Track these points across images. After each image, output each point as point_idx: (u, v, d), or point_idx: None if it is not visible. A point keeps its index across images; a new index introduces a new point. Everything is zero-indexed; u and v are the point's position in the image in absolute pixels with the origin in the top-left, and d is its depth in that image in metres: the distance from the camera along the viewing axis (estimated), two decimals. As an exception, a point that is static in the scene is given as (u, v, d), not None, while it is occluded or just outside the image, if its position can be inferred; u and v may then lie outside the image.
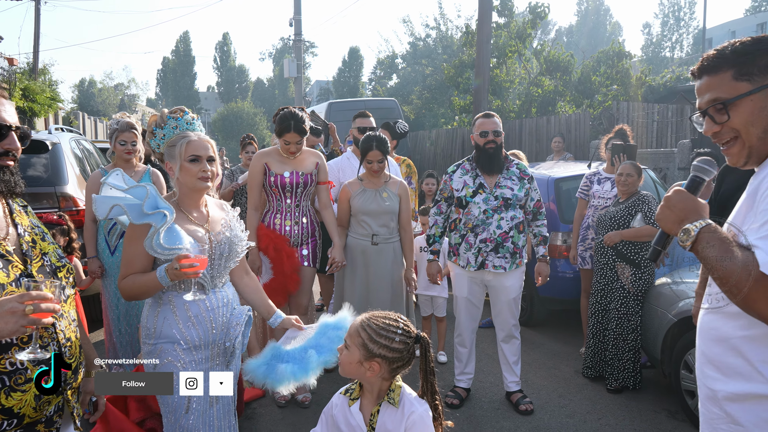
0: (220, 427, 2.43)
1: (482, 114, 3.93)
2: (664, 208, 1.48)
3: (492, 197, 3.72)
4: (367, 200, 3.77)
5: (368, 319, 1.71)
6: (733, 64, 1.41)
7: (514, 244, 3.74)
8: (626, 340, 4.15)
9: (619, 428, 3.60)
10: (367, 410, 1.74)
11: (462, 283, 3.87)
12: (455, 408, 3.81)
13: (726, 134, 1.44)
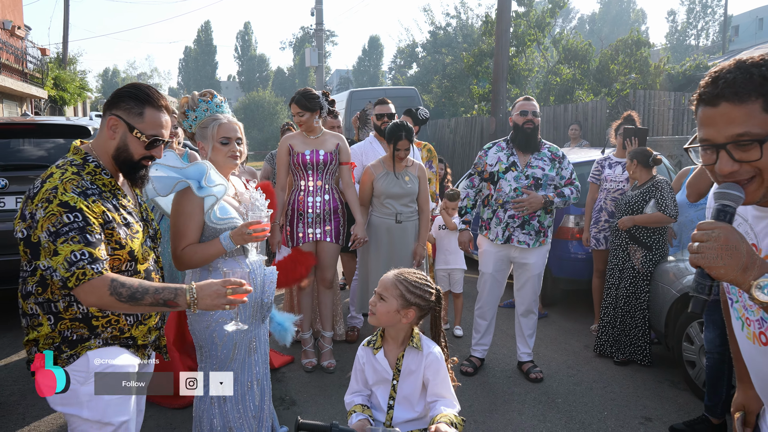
0: (258, 373, 2.75)
1: (523, 97, 4.18)
2: (722, 253, 1.18)
3: (523, 176, 3.94)
4: (390, 183, 4.06)
5: (401, 275, 1.99)
6: (762, 93, 1.20)
7: (540, 223, 3.95)
8: (634, 317, 4.38)
9: (623, 396, 3.85)
10: (391, 356, 2.02)
11: (489, 260, 4.09)
12: (469, 376, 4.07)
13: (745, 173, 1.23)
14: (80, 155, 1.89)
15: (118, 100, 1.90)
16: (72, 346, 1.80)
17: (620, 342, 4.45)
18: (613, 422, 3.48)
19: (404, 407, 1.99)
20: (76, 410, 1.81)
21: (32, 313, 1.81)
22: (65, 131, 5.41)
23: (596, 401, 3.76)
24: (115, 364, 1.86)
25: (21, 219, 1.77)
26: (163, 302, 1.79)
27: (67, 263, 1.69)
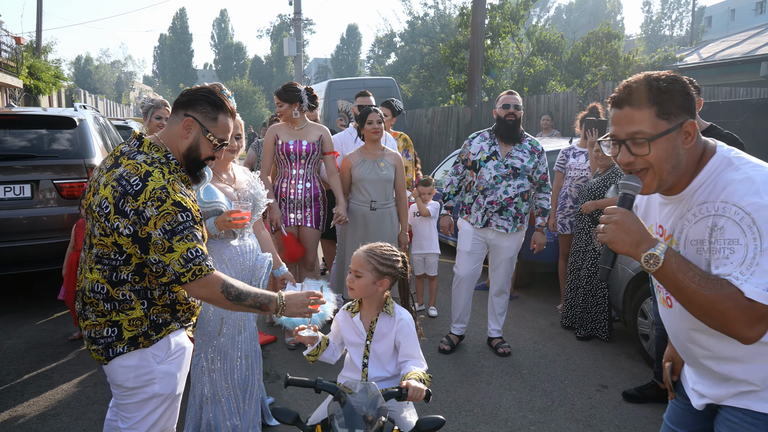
0: (247, 350, 3.00)
1: (506, 91, 4.41)
2: (617, 231, 1.47)
3: (503, 165, 4.17)
4: (366, 169, 4.30)
5: (371, 250, 2.26)
6: (656, 102, 1.48)
7: (517, 210, 4.21)
8: (596, 295, 4.72)
9: (583, 367, 4.18)
10: (366, 320, 2.29)
11: (467, 239, 4.32)
12: (447, 353, 4.32)
13: (639, 165, 1.51)
14: (161, 152, 2.00)
15: (194, 103, 2.03)
16: (158, 330, 2.01)
17: (583, 319, 4.79)
18: (573, 390, 3.81)
19: (377, 366, 2.27)
20: (149, 387, 2.01)
21: (123, 299, 1.95)
22: (50, 122, 5.54)
23: (558, 372, 4.09)
24: (185, 345, 2.12)
25: (119, 214, 1.85)
26: (259, 306, 2.04)
27: (183, 260, 1.87)
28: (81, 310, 2.02)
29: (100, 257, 1.94)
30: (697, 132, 1.53)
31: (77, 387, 3.77)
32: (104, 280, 1.94)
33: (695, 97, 1.56)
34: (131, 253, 1.91)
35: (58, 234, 5.21)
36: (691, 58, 17.14)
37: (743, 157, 1.52)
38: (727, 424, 1.62)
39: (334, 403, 2.01)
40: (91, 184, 2.02)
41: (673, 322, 1.71)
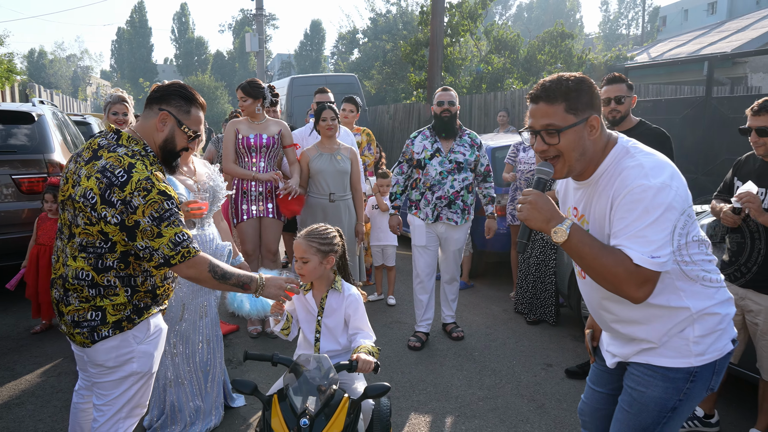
0: (208, 335, 3.15)
1: (441, 88, 4.50)
2: (531, 210, 1.71)
3: (447, 161, 4.30)
4: (323, 162, 4.48)
5: (309, 234, 2.45)
6: (565, 99, 1.69)
7: (463, 202, 4.36)
8: (544, 282, 5.01)
9: (531, 348, 4.46)
10: (317, 296, 2.49)
11: (421, 234, 4.43)
12: (417, 350, 4.36)
13: (551, 152, 1.74)
14: (140, 145, 2.12)
15: (168, 98, 2.16)
16: (140, 315, 2.14)
17: (532, 304, 5.08)
18: (520, 369, 4.07)
19: (329, 340, 2.46)
20: (128, 365, 2.14)
21: (108, 284, 2.07)
22: (8, 117, 5.51)
23: (508, 354, 4.35)
24: (161, 327, 2.26)
25: (106, 204, 1.96)
26: (241, 285, 2.19)
27: (172, 244, 2.01)
28: (62, 296, 2.11)
29: (85, 246, 2.04)
30: (601, 125, 1.76)
31: (41, 377, 3.84)
32: (89, 267, 2.05)
33: (599, 95, 1.78)
34: (116, 240, 2.03)
35: (18, 229, 5.21)
36: (641, 57, 17.83)
37: (638, 147, 1.76)
38: (632, 377, 1.88)
39: (289, 375, 2.19)
40: (68, 176, 2.11)
41: (588, 291, 1.95)
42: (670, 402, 1.81)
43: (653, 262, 1.59)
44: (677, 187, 1.66)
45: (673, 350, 1.79)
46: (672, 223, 1.62)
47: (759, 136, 2.79)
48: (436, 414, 3.41)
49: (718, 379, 1.84)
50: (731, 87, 12.94)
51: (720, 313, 1.80)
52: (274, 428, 2.05)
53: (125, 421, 2.23)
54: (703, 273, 1.78)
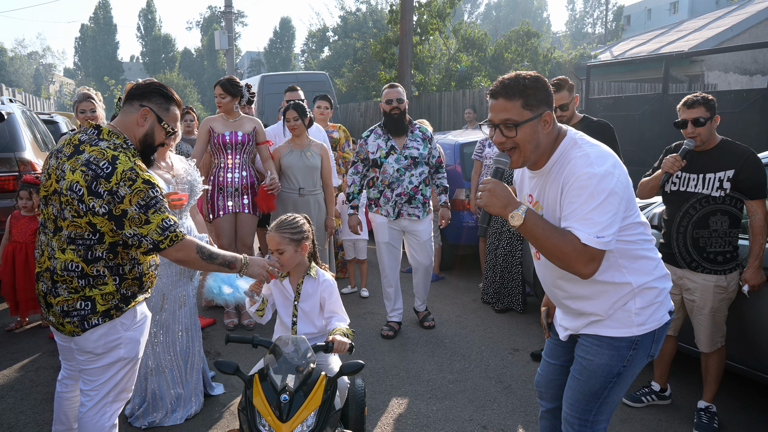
0: (187, 324, 3.26)
1: (388, 85, 4.53)
2: (489, 197, 1.85)
3: (402, 157, 4.40)
4: (293, 158, 4.62)
5: (279, 226, 2.58)
6: (521, 96, 1.85)
7: (423, 196, 4.48)
8: (511, 272, 5.22)
9: (499, 334, 4.66)
10: (293, 282, 2.63)
11: (383, 231, 4.53)
12: (390, 338, 4.53)
13: (509, 144, 1.89)
14: (121, 139, 2.21)
15: (149, 95, 2.29)
16: (127, 303, 2.24)
17: (500, 293, 5.29)
18: (488, 353, 4.27)
19: (305, 323, 2.60)
20: (115, 351, 2.24)
21: (98, 274, 2.16)
22: (-23, 115, 5.48)
23: (476, 340, 4.54)
24: (147, 314, 2.37)
25: (93, 195, 2.05)
26: (227, 264, 2.31)
27: (160, 229, 2.11)
28: (50, 288, 2.19)
29: (74, 238, 2.13)
30: (553, 120, 1.94)
31: (19, 372, 3.89)
32: (79, 258, 2.14)
33: (552, 93, 1.96)
34: (104, 231, 2.12)
35: (-11, 228, 5.20)
36: (604, 56, 18.34)
37: (585, 138, 1.95)
38: (582, 347, 2.07)
39: (269, 356, 2.33)
40: (50, 172, 2.19)
41: (543, 271, 2.14)
42: (616, 368, 2.00)
43: (598, 242, 1.78)
44: (619, 174, 1.84)
45: (617, 322, 1.98)
46: (615, 207, 1.81)
47: (695, 127, 3.03)
48: (408, 396, 3.58)
49: (657, 347, 2.04)
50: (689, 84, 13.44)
51: (658, 287, 2.00)
52: (255, 405, 2.19)
53: (112, 405, 2.33)
54: (642, 251, 1.98)
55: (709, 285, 3.04)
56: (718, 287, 3.02)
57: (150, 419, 3.15)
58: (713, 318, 3.06)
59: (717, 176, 3.02)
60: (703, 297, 3.06)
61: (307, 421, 2.17)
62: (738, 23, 17.33)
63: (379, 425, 3.23)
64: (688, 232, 3.09)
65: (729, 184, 2.98)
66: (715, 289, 3.03)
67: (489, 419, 3.31)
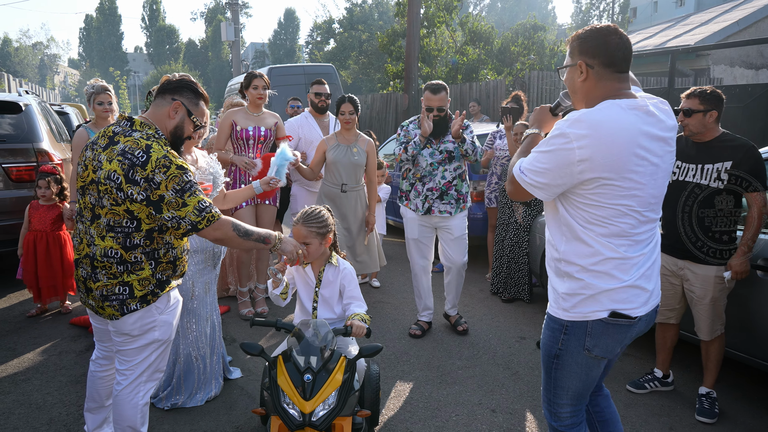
0: (211, 310, 3.38)
1: (430, 88, 4.16)
2: (535, 112, 2.21)
3: (437, 151, 4.23)
4: (340, 153, 4.55)
5: (306, 219, 2.70)
6: (571, 43, 1.99)
7: (457, 192, 4.28)
8: (518, 262, 5.33)
9: (506, 324, 4.78)
10: (315, 269, 2.76)
11: (413, 227, 4.38)
12: (417, 338, 4.42)
13: None
14: (153, 129, 2.33)
15: (180, 90, 2.41)
16: (162, 288, 2.36)
17: (507, 284, 5.40)
18: (496, 341, 4.38)
19: (325, 309, 2.73)
20: (150, 333, 2.36)
21: (135, 261, 2.29)
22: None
23: (484, 328, 4.66)
24: (179, 298, 2.50)
25: (131, 183, 2.16)
26: (263, 240, 2.45)
27: (197, 210, 2.23)
28: (89, 274, 2.31)
29: (113, 226, 2.25)
30: (597, 75, 1.91)
31: (42, 356, 4.02)
32: (118, 245, 2.26)
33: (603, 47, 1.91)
34: (141, 218, 2.24)
35: (8, 217, 5.33)
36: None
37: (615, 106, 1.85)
38: None
39: (292, 338, 2.45)
40: (87, 163, 2.31)
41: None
42: (553, 349, 2.05)
43: (519, 174, 1.95)
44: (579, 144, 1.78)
45: (553, 300, 2.05)
46: (549, 164, 1.85)
47: (685, 117, 3.13)
48: (419, 381, 3.70)
49: (594, 342, 1.95)
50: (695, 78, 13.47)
51: (584, 280, 1.91)
52: (280, 384, 2.31)
53: (146, 385, 2.46)
54: (583, 233, 1.90)
55: (709, 276, 3.13)
56: (718, 278, 3.12)
57: (173, 401, 3.28)
58: (713, 307, 3.16)
59: (715, 167, 3.09)
60: (704, 287, 3.16)
61: (329, 400, 2.29)
62: (744, 17, 17.30)
63: (392, 408, 3.36)
64: (694, 212, 3.16)
65: (727, 176, 3.05)
66: (715, 279, 3.12)
67: (498, 403, 3.43)
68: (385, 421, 3.22)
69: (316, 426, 2.25)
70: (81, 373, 3.73)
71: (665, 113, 1.93)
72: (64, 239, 4.79)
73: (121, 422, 2.45)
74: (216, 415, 3.23)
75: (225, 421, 3.18)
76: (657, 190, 1.92)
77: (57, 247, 4.68)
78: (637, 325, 1.98)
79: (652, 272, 1.97)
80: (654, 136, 1.85)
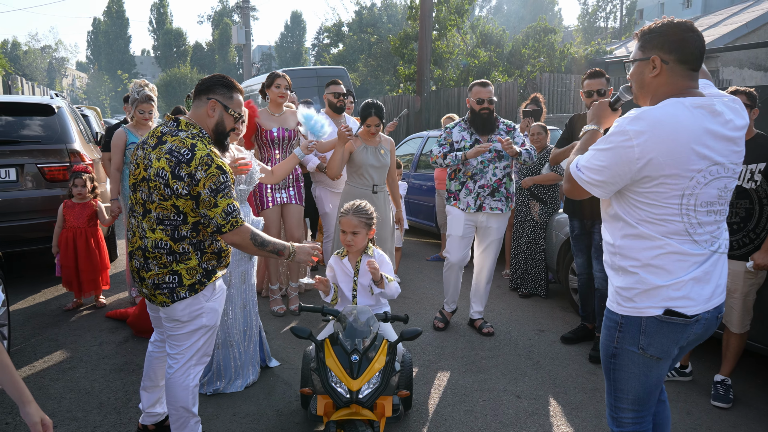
0: (247, 299, 3.57)
1: (479, 82, 4.36)
2: (594, 108, 2.16)
3: (486, 151, 4.28)
4: (369, 156, 4.52)
5: (357, 211, 2.90)
6: (641, 38, 1.94)
7: (506, 190, 4.37)
8: (535, 258, 5.50)
9: (524, 317, 4.94)
10: (352, 261, 2.96)
11: (459, 224, 4.40)
12: (441, 330, 4.56)
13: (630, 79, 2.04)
14: (197, 129, 2.47)
15: (213, 88, 2.52)
16: (209, 278, 2.53)
17: (524, 279, 5.57)
18: (516, 333, 4.55)
19: (364, 296, 2.92)
20: (198, 319, 2.53)
21: (183, 251, 2.44)
22: (30, 109, 5.81)
23: (504, 322, 4.83)
24: (223, 287, 2.66)
25: (176, 179, 2.31)
26: (277, 251, 2.56)
27: (224, 213, 2.35)
28: (142, 264, 2.49)
29: (162, 219, 2.42)
30: (673, 73, 1.86)
31: (84, 346, 4.22)
32: (167, 237, 2.43)
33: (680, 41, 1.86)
34: (186, 212, 2.40)
35: (42, 215, 5.53)
36: (619, 51, 18.48)
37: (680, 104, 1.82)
38: None
39: (337, 323, 2.63)
40: (138, 162, 2.50)
41: None
42: (610, 348, 2.01)
43: (575, 171, 1.93)
44: (638, 141, 1.76)
45: (611, 295, 2.02)
46: (610, 161, 1.82)
47: None
48: (446, 369, 3.88)
49: (648, 341, 1.91)
50: (704, 80, 13.52)
51: (639, 274, 1.89)
52: (328, 365, 2.49)
53: (195, 368, 2.64)
54: (642, 229, 1.87)
55: (739, 271, 3.26)
56: (749, 272, 3.25)
57: (214, 387, 3.47)
58: (744, 301, 3.30)
59: (749, 168, 3.19)
60: (734, 282, 3.27)
61: (373, 380, 2.47)
62: (753, 20, 17.41)
63: (422, 393, 3.53)
64: None
65: (760, 177, 3.16)
66: (745, 274, 3.26)
67: (522, 390, 3.60)
68: (416, 404, 3.40)
69: (363, 403, 2.42)
70: (123, 362, 3.92)
71: (735, 112, 1.88)
72: (99, 235, 4.99)
73: (174, 403, 2.63)
74: (256, 400, 3.42)
75: (265, 405, 3.36)
76: (719, 190, 1.86)
77: (94, 242, 4.88)
78: (695, 326, 1.91)
79: (712, 272, 1.90)
80: (719, 136, 1.81)
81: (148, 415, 2.92)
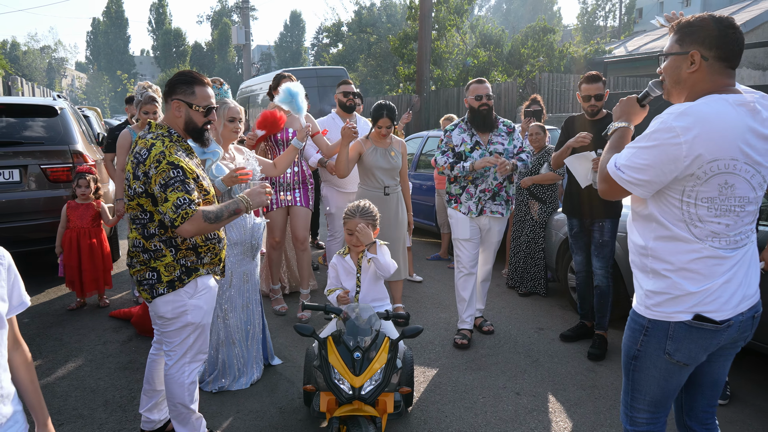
0: (249, 298, 3.61)
1: (476, 80, 4.31)
2: (620, 104, 2.05)
3: (487, 153, 4.21)
4: (379, 158, 4.51)
5: (362, 214, 2.96)
6: (678, 31, 1.87)
7: (507, 193, 4.33)
8: (534, 257, 5.55)
9: (524, 316, 4.99)
10: (354, 259, 3.02)
11: (464, 227, 4.30)
12: (464, 348, 4.26)
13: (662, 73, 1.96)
14: (164, 129, 2.52)
15: (174, 87, 2.54)
16: (189, 275, 2.55)
17: (523, 278, 5.62)
18: (515, 332, 4.60)
19: (367, 293, 2.98)
20: (183, 317, 2.57)
21: (156, 249, 2.48)
22: (33, 111, 5.85)
23: (504, 320, 4.87)
24: (210, 285, 2.67)
25: (135, 179, 2.39)
26: (234, 212, 2.50)
27: (174, 207, 2.33)
28: (129, 262, 2.58)
29: (133, 218, 2.50)
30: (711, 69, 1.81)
31: (88, 345, 4.27)
32: (140, 236, 2.50)
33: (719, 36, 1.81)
34: (150, 210, 2.45)
35: (44, 216, 5.58)
36: (618, 51, 18.55)
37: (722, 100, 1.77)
38: None
39: (339, 321, 2.68)
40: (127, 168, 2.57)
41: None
42: (632, 350, 1.97)
43: (615, 171, 1.85)
44: (686, 138, 1.70)
45: (637, 297, 1.98)
46: (653, 158, 1.75)
47: None
48: (446, 367, 3.93)
49: (675, 347, 1.87)
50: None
51: (671, 278, 1.85)
52: (331, 362, 2.54)
53: (190, 365, 2.69)
54: (676, 231, 1.83)
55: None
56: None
57: (219, 384, 3.52)
58: None
59: None
60: None
61: (375, 376, 2.52)
62: (752, 19, 17.47)
63: (423, 391, 3.58)
64: None
65: None
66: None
67: (521, 387, 3.65)
68: (417, 401, 3.45)
69: (365, 399, 2.47)
70: (127, 361, 3.97)
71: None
72: (103, 236, 5.04)
73: (171, 399, 2.68)
74: (260, 397, 3.47)
75: (268, 402, 3.41)
76: (756, 190, 1.83)
77: (98, 242, 4.93)
78: (726, 331, 1.86)
79: (746, 275, 1.87)
80: (760, 134, 1.77)
81: (145, 420, 2.96)
